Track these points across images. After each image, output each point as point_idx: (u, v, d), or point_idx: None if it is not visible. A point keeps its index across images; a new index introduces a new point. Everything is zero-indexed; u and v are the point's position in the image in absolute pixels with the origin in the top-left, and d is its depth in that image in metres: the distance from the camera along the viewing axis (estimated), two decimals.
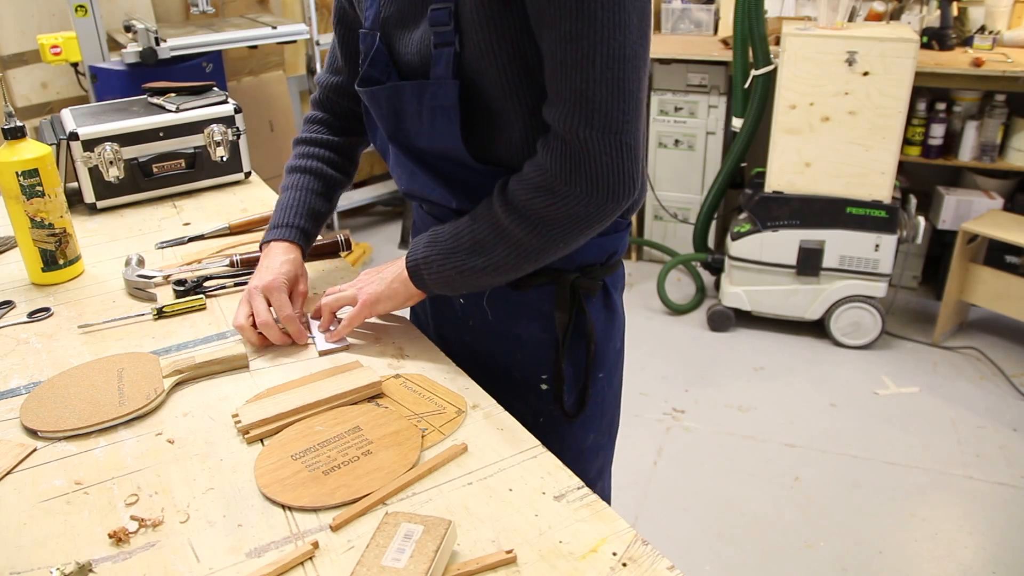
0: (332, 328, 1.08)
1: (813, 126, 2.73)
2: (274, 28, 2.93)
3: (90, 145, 1.50)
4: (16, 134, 1.20)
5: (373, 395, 0.96)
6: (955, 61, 2.87)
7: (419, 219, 1.17)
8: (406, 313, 1.17)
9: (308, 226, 1.17)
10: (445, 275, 0.98)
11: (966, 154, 3.01)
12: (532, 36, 0.89)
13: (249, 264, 1.28)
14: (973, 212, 3.00)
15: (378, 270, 1.06)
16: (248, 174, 1.69)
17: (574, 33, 0.83)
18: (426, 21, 0.94)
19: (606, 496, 1.23)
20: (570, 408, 1.10)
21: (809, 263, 2.87)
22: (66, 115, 1.60)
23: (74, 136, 1.48)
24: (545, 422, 1.10)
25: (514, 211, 0.92)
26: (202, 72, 2.80)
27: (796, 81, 2.70)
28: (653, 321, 3.18)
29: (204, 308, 1.19)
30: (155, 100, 1.66)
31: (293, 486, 0.81)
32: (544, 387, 1.09)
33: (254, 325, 1.06)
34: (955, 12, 3.09)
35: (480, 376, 1.02)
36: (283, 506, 0.80)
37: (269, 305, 1.07)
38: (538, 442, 0.88)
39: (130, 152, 1.54)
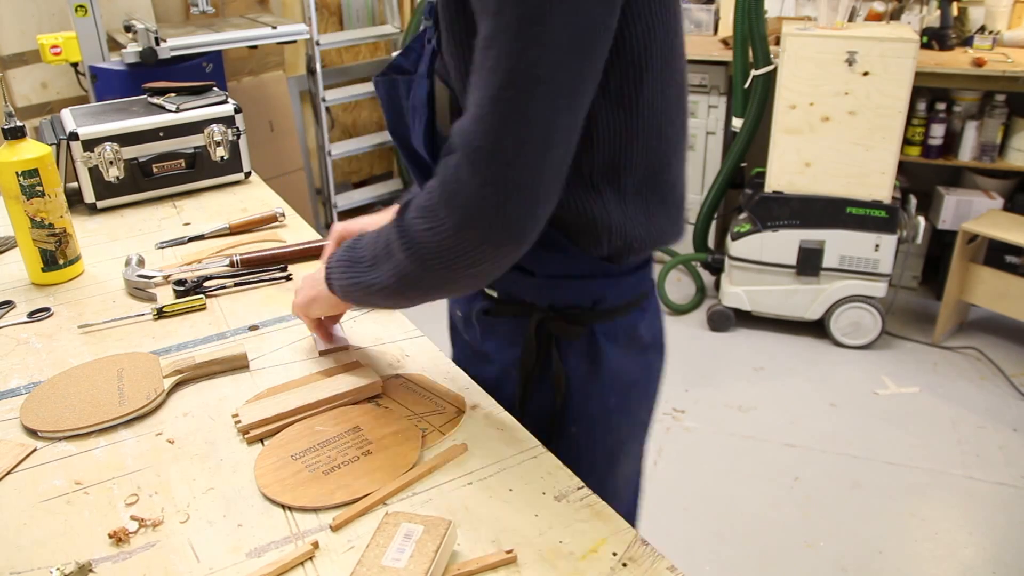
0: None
1: (813, 126, 2.73)
2: (274, 28, 2.93)
3: (90, 145, 1.50)
4: (16, 134, 1.20)
5: (373, 395, 0.96)
6: (955, 61, 2.87)
7: None
8: (407, 314, 1.16)
9: None
10: (345, 285, 0.90)
11: (966, 154, 3.01)
12: None
13: (249, 264, 1.28)
14: (973, 212, 3.00)
15: (306, 282, 1.02)
16: (248, 174, 1.69)
17: (486, 40, 0.69)
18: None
19: None
20: None
21: (809, 263, 2.87)
22: (66, 115, 1.60)
23: (74, 136, 1.48)
24: None
25: (401, 228, 0.79)
26: (202, 72, 2.80)
27: (796, 81, 2.70)
28: None
29: (204, 308, 1.19)
30: (155, 100, 1.66)
31: (293, 486, 0.81)
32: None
33: None
34: (955, 12, 3.09)
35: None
36: (283, 506, 0.80)
37: None
38: (538, 442, 0.88)
39: (130, 152, 1.54)
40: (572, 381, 0.95)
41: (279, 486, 0.81)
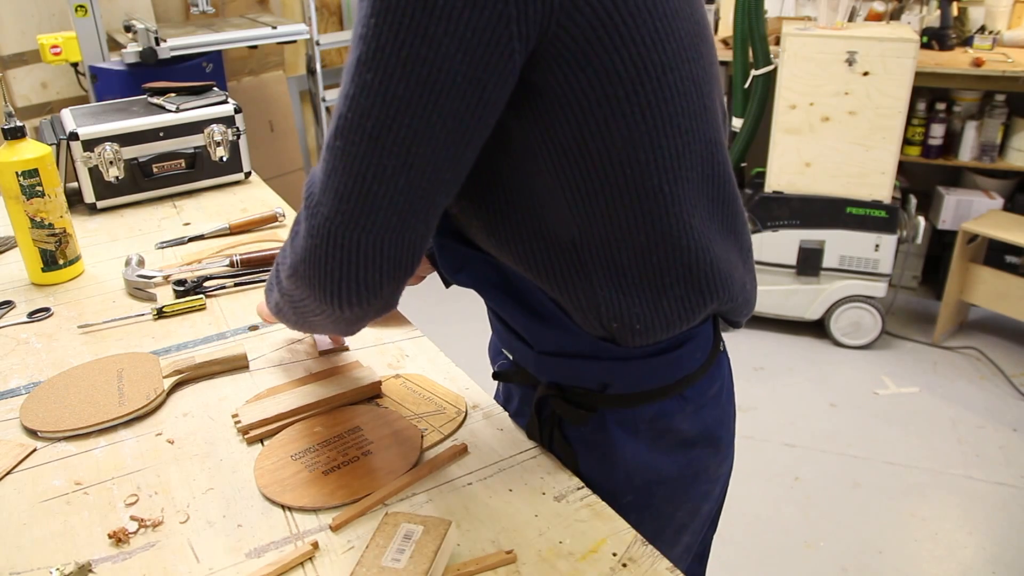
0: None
1: (813, 126, 2.73)
2: (274, 28, 2.93)
3: (90, 145, 1.50)
4: (16, 134, 1.20)
5: (373, 395, 0.96)
6: (955, 61, 2.87)
7: None
8: (408, 314, 1.16)
9: None
10: (270, 290, 0.82)
11: (966, 154, 3.01)
12: None
13: (249, 264, 1.28)
14: (973, 212, 3.00)
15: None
16: (248, 174, 1.69)
17: (343, 79, 0.63)
18: None
19: None
20: None
21: (809, 263, 2.87)
22: (66, 115, 1.60)
23: (74, 136, 1.48)
24: None
25: (280, 261, 0.75)
26: (202, 72, 2.80)
27: (796, 81, 2.70)
28: None
29: (204, 308, 1.19)
30: (155, 100, 1.66)
31: (293, 486, 0.81)
32: None
33: None
34: (955, 12, 3.09)
35: None
36: (283, 506, 0.80)
37: None
38: (537, 442, 0.88)
39: (130, 152, 1.54)
40: (582, 467, 0.84)
41: (279, 486, 0.81)
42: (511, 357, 0.89)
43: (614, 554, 0.73)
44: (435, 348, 1.07)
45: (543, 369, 0.83)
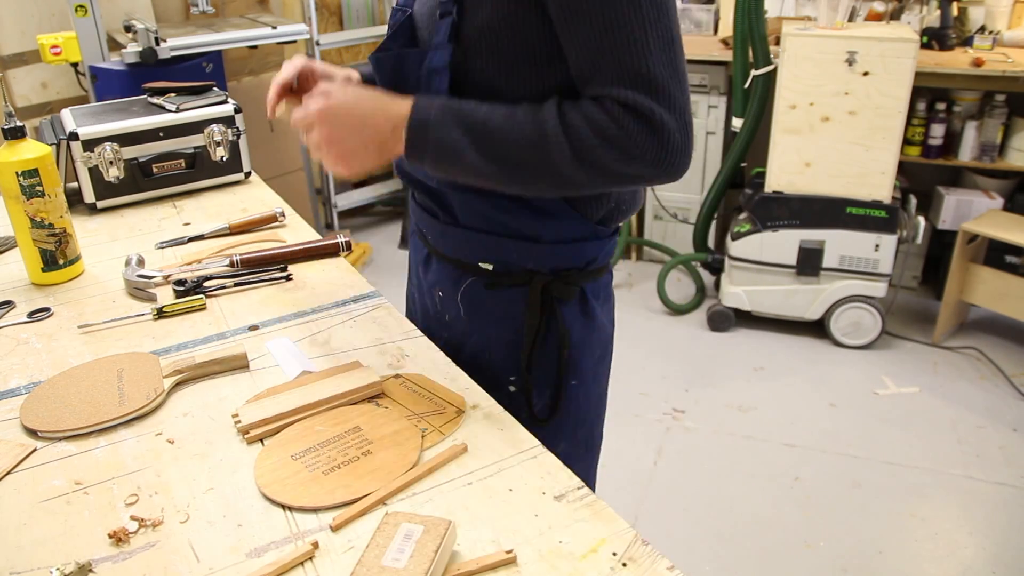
0: None
1: (813, 126, 2.73)
2: (274, 28, 2.93)
3: (90, 145, 1.50)
4: (16, 134, 1.20)
5: (373, 395, 0.96)
6: (955, 61, 2.87)
7: (412, 211, 1.16)
8: (403, 310, 1.17)
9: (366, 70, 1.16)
10: (450, 165, 0.90)
11: (966, 154, 3.01)
12: (541, 22, 0.88)
13: (249, 264, 1.28)
14: (973, 212, 3.00)
15: (347, 125, 0.90)
16: (248, 174, 1.69)
17: (623, 18, 0.82)
18: None
19: None
20: (539, 412, 1.08)
21: (809, 263, 2.87)
22: (66, 115, 1.60)
23: (74, 136, 1.48)
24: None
25: (571, 142, 0.86)
26: (202, 72, 2.80)
27: (796, 81, 2.70)
28: (653, 321, 3.18)
29: (204, 308, 1.19)
30: (155, 100, 1.66)
31: (293, 486, 0.81)
32: (512, 388, 1.08)
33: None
34: (955, 12, 3.09)
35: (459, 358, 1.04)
36: (283, 506, 0.80)
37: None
38: (538, 442, 0.88)
39: (130, 152, 1.54)
40: (573, 337, 1.05)
41: (279, 486, 0.81)
42: (489, 269, 1.05)
43: (614, 554, 0.73)
44: (435, 348, 1.07)
45: (547, 259, 1.03)
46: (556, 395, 1.08)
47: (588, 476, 1.19)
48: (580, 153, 0.86)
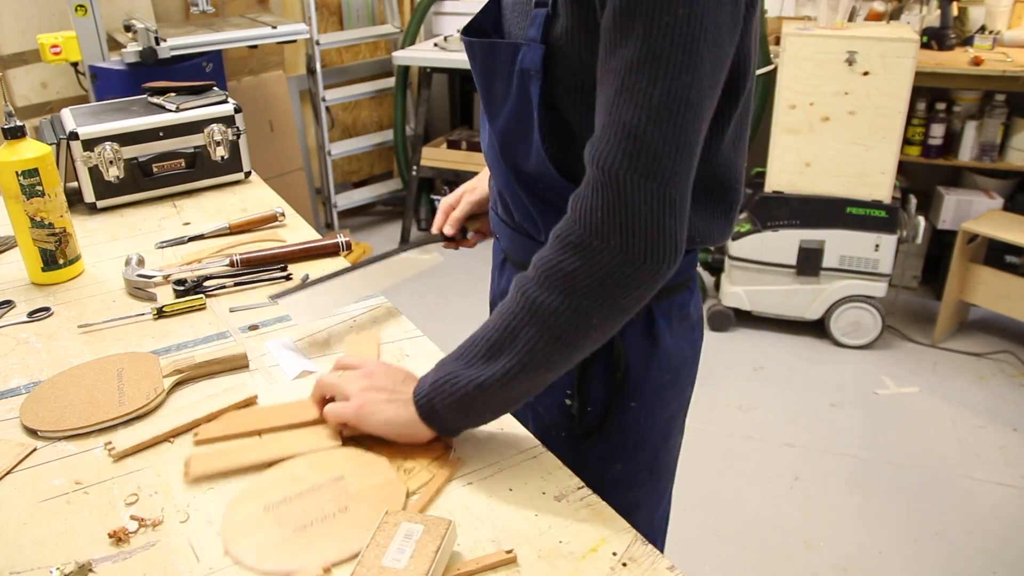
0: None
1: (813, 126, 2.73)
2: (274, 28, 2.93)
3: (90, 145, 1.50)
4: (16, 134, 1.20)
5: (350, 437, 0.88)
6: (955, 61, 2.87)
7: (491, 215, 1.10)
8: (407, 313, 1.16)
9: None
10: (460, 396, 0.81)
11: (966, 154, 3.01)
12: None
13: (249, 264, 1.28)
14: (973, 212, 3.00)
15: (388, 377, 0.88)
16: (248, 174, 1.69)
17: (636, 63, 0.73)
18: None
19: (653, 540, 1.10)
20: (584, 429, 1.02)
21: (809, 263, 2.87)
22: (66, 115, 1.60)
23: (74, 136, 1.48)
24: (565, 437, 1.03)
25: (538, 284, 0.78)
26: (202, 72, 2.80)
27: (796, 81, 2.70)
28: None
29: (204, 308, 1.19)
30: (155, 100, 1.66)
31: (260, 546, 0.74)
32: (568, 401, 1.02)
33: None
34: (955, 12, 3.09)
35: None
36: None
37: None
38: (538, 442, 0.88)
39: (130, 152, 1.54)
40: (631, 358, 0.98)
41: (246, 542, 0.75)
42: None
43: (614, 554, 0.73)
44: (435, 348, 1.07)
45: None
46: (606, 413, 1.00)
47: (651, 502, 1.11)
48: (545, 281, 0.77)
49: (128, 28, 2.75)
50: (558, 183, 0.90)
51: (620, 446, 1.03)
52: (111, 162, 1.51)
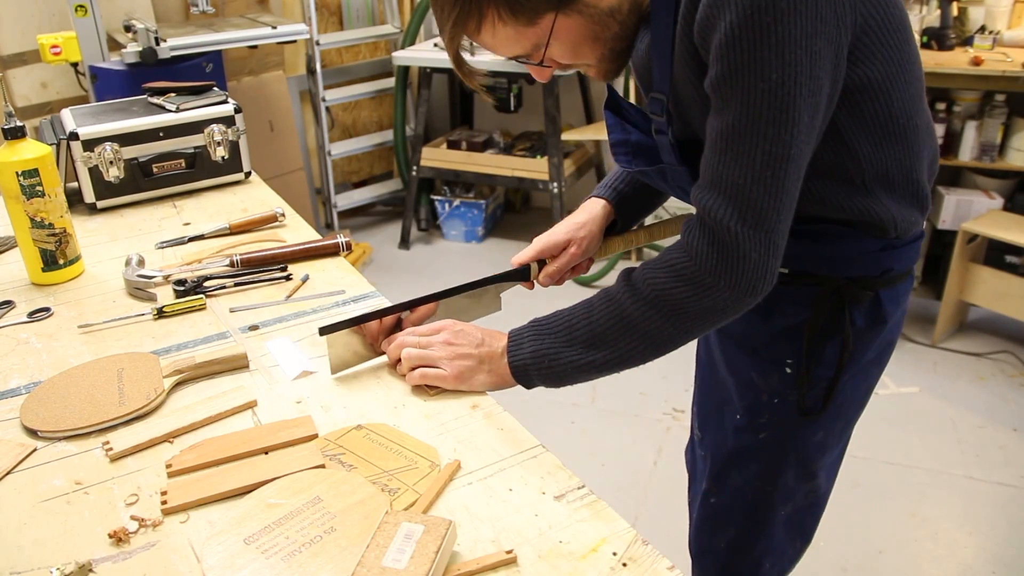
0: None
1: None
2: (274, 28, 2.93)
3: (90, 145, 1.50)
4: (16, 134, 1.20)
5: (334, 453, 0.87)
6: (955, 61, 2.87)
7: None
8: None
9: (624, 188, 1.21)
10: (557, 371, 0.94)
11: (966, 154, 3.01)
12: None
13: (249, 264, 1.28)
14: (973, 212, 2.99)
15: (468, 337, 0.98)
16: (248, 174, 1.69)
17: (738, 127, 0.82)
18: None
19: (820, 496, 1.21)
20: (809, 403, 1.08)
21: None
22: (66, 115, 1.60)
23: (74, 136, 1.48)
24: (779, 404, 1.09)
25: (647, 300, 0.90)
26: (202, 72, 2.80)
27: None
28: None
29: (204, 308, 1.19)
30: (155, 100, 1.66)
31: None
32: (788, 371, 1.07)
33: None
34: (955, 12, 3.09)
35: (734, 345, 1.10)
36: None
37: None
38: (538, 442, 0.88)
39: (130, 152, 1.54)
40: (856, 333, 1.05)
41: None
42: (785, 271, 1.03)
43: (614, 554, 0.73)
44: None
45: (840, 268, 1.02)
46: (830, 389, 1.07)
47: (833, 466, 1.20)
48: (655, 303, 0.89)
49: (128, 28, 2.75)
50: None
51: (826, 416, 1.09)
52: (111, 162, 1.51)
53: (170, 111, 1.59)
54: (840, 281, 1.02)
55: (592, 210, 1.20)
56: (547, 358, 0.94)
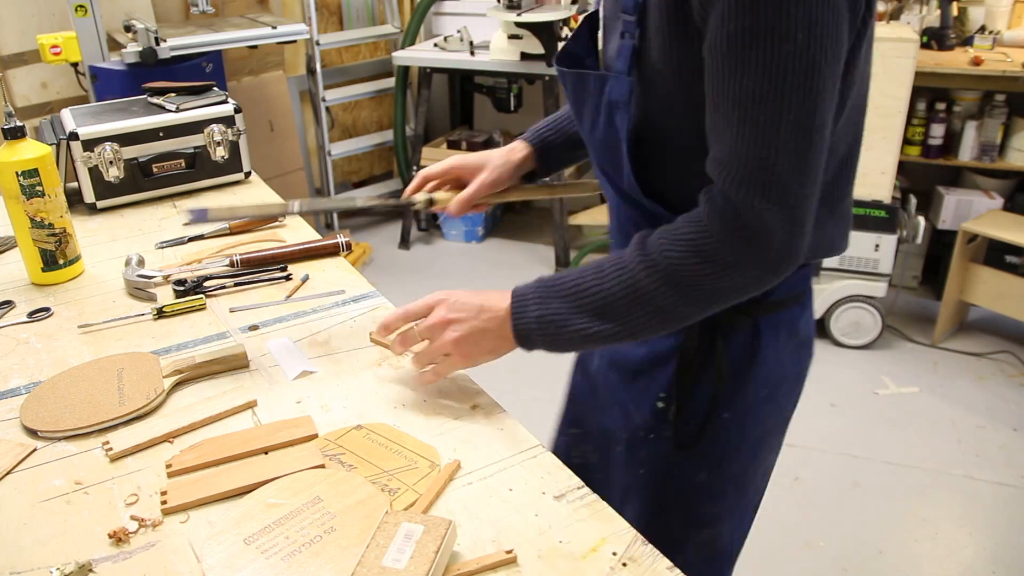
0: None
1: None
2: (274, 28, 2.93)
3: (90, 145, 1.50)
4: (16, 134, 1.20)
5: (334, 453, 0.87)
6: (955, 61, 2.87)
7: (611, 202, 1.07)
8: None
9: (550, 135, 1.14)
10: (564, 339, 0.86)
11: (966, 154, 3.01)
12: (700, 74, 0.79)
13: (249, 264, 1.28)
14: (973, 212, 2.99)
15: (466, 308, 0.91)
16: (248, 174, 1.69)
17: (759, 93, 0.73)
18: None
19: (721, 553, 1.11)
20: (683, 438, 0.99)
21: None
22: (66, 115, 1.60)
23: (74, 136, 1.48)
24: (654, 439, 1.01)
25: (662, 274, 0.81)
26: (202, 72, 2.80)
27: None
28: None
29: (204, 308, 1.19)
30: (155, 100, 1.66)
31: None
32: (660, 404, 0.99)
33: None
34: (955, 12, 3.09)
35: (607, 366, 1.03)
36: None
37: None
38: (538, 442, 0.88)
39: (130, 152, 1.54)
40: (731, 367, 0.96)
41: None
42: None
43: (614, 553, 0.73)
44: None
45: None
46: (705, 424, 0.98)
47: (735, 516, 1.08)
48: (672, 277, 0.81)
49: (128, 28, 2.75)
50: (650, 207, 0.91)
51: (708, 455, 1.00)
52: (111, 162, 1.51)
53: (170, 111, 1.59)
54: None
55: (512, 148, 1.14)
56: (553, 324, 0.86)
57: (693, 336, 0.95)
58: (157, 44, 2.62)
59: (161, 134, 1.56)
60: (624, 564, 0.72)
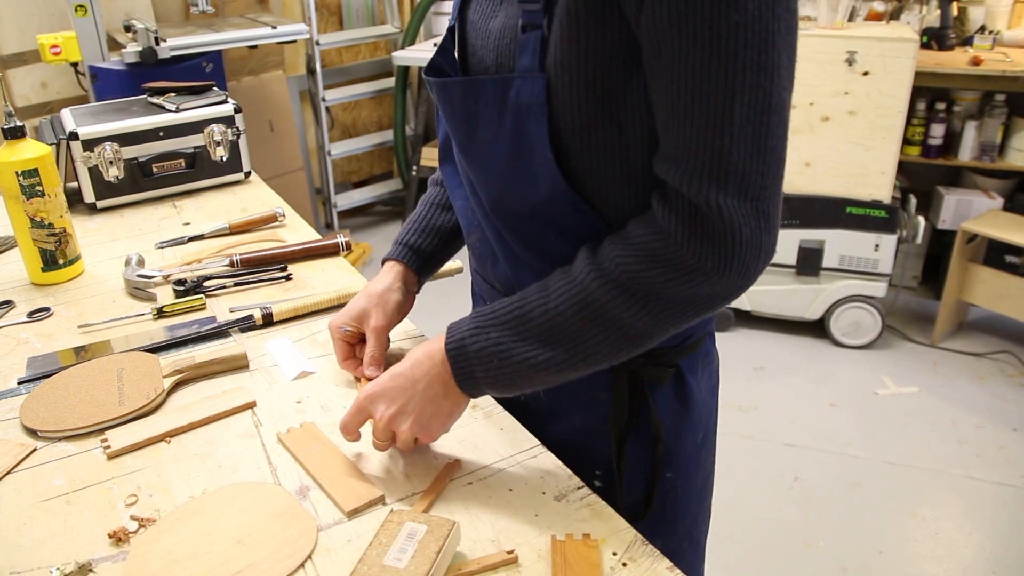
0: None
1: (813, 126, 2.73)
2: (274, 28, 2.93)
3: (90, 145, 1.50)
4: (16, 134, 1.20)
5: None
6: (955, 61, 2.87)
7: (479, 289, 0.99)
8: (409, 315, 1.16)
9: (420, 242, 1.02)
10: (508, 372, 0.76)
11: (966, 154, 3.01)
12: (622, 61, 0.70)
13: (249, 264, 1.28)
14: (973, 212, 3.00)
15: (400, 393, 0.80)
16: (248, 174, 1.69)
17: (707, 73, 0.64)
18: (509, 6, 0.77)
19: None
20: (631, 508, 0.92)
21: (809, 263, 2.87)
22: (66, 115, 1.60)
23: (74, 136, 1.48)
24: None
25: (615, 284, 0.71)
26: (202, 72, 2.80)
27: (796, 81, 2.69)
28: None
29: (204, 308, 1.19)
30: (155, 100, 1.66)
31: None
32: (597, 483, 0.92)
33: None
34: (955, 12, 3.09)
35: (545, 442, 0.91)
36: None
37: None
38: (538, 442, 0.88)
39: (130, 152, 1.54)
40: (665, 425, 0.89)
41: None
42: None
43: (614, 554, 0.73)
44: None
45: None
46: (650, 490, 0.91)
47: (691, 560, 1.03)
48: (628, 286, 0.71)
49: (128, 28, 2.75)
50: (583, 211, 0.79)
51: (659, 521, 0.93)
52: (111, 162, 1.51)
53: (170, 111, 1.59)
54: (636, 360, 0.84)
55: (388, 274, 1.01)
56: (496, 357, 0.75)
57: (623, 403, 0.87)
58: (157, 44, 2.62)
59: (161, 134, 1.56)
60: (624, 564, 0.72)
